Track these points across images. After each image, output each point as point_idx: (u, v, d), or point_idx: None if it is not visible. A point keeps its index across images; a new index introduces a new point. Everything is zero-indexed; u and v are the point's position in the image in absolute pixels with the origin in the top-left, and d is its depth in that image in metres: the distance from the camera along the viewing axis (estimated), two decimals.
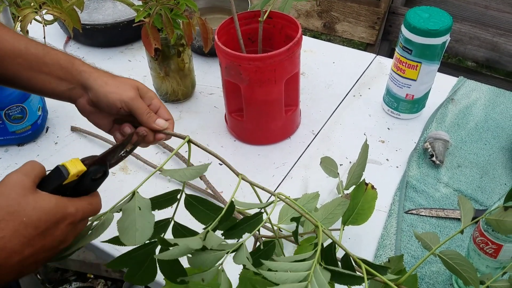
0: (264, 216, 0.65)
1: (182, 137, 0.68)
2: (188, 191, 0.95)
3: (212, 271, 0.58)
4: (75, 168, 0.56)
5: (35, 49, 0.70)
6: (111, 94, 0.69)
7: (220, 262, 0.59)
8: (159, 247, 0.62)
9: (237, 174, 0.68)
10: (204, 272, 0.58)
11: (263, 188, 0.66)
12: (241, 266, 0.60)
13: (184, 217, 0.66)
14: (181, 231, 0.67)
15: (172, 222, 0.67)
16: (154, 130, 0.73)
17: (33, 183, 0.53)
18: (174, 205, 0.67)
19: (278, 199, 0.64)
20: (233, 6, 0.98)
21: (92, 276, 1.86)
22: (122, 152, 0.67)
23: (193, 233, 0.66)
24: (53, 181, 0.55)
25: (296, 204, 0.65)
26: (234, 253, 0.59)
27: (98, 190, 0.63)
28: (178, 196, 0.67)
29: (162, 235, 0.67)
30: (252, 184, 0.66)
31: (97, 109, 0.72)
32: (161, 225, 0.67)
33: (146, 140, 0.73)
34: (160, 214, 0.66)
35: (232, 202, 0.62)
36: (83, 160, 0.58)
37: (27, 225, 0.50)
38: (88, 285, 1.84)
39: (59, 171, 0.55)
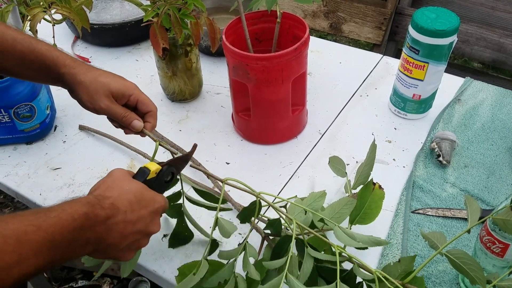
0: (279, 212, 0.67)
1: (154, 139, 0.79)
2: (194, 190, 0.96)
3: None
4: (154, 166, 0.70)
5: (21, 46, 0.74)
6: (87, 103, 0.76)
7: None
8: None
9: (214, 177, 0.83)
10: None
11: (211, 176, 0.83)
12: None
13: None
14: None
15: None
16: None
17: (130, 174, 0.68)
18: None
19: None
20: (240, 6, 0.99)
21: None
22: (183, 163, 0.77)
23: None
24: (140, 177, 0.69)
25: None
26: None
27: None
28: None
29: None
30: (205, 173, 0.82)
31: None
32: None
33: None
34: None
35: None
36: (158, 163, 0.72)
37: (128, 192, 0.64)
38: (94, 284, 1.85)
39: (143, 169, 0.70)
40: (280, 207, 0.81)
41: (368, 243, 0.68)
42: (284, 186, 0.98)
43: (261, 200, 0.77)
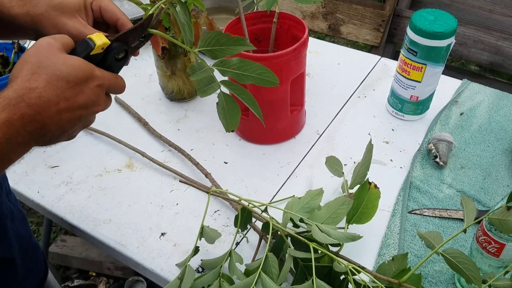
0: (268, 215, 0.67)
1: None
2: (193, 190, 0.97)
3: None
4: (101, 40, 0.59)
5: None
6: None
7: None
8: None
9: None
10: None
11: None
12: None
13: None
14: None
15: None
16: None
17: (62, 46, 0.57)
18: None
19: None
20: (240, 6, 0.99)
21: (94, 274, 1.87)
22: (141, 37, 0.67)
23: None
24: (81, 51, 0.59)
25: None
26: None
27: None
28: None
29: None
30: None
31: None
32: None
33: None
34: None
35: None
36: (106, 36, 0.60)
37: (59, 77, 0.54)
38: (90, 283, 1.85)
39: (86, 42, 0.58)
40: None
41: (343, 239, 0.70)
42: (282, 186, 0.99)
43: (254, 205, 0.79)
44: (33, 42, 0.63)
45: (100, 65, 0.61)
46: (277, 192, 0.97)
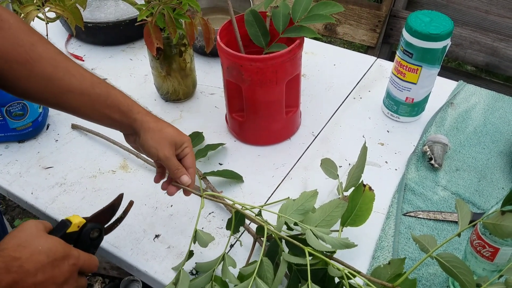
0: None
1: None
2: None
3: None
4: (77, 219, 0.68)
5: (99, 89, 0.76)
6: (151, 149, 0.78)
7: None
8: None
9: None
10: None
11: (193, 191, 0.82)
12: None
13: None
14: None
15: None
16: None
17: (45, 228, 0.65)
18: None
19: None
20: (230, 8, 0.99)
21: (89, 273, 1.86)
22: (115, 219, 0.76)
23: None
24: (59, 230, 0.67)
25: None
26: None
27: None
28: None
29: None
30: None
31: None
32: None
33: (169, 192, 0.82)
34: None
35: None
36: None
37: (41, 252, 0.60)
38: None
39: (63, 222, 0.68)
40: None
41: (337, 246, 0.70)
42: (277, 188, 0.98)
43: (247, 208, 0.79)
44: None
45: (76, 244, 0.68)
46: (272, 194, 0.97)
